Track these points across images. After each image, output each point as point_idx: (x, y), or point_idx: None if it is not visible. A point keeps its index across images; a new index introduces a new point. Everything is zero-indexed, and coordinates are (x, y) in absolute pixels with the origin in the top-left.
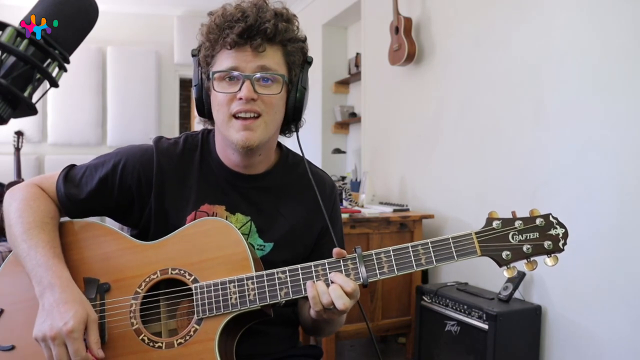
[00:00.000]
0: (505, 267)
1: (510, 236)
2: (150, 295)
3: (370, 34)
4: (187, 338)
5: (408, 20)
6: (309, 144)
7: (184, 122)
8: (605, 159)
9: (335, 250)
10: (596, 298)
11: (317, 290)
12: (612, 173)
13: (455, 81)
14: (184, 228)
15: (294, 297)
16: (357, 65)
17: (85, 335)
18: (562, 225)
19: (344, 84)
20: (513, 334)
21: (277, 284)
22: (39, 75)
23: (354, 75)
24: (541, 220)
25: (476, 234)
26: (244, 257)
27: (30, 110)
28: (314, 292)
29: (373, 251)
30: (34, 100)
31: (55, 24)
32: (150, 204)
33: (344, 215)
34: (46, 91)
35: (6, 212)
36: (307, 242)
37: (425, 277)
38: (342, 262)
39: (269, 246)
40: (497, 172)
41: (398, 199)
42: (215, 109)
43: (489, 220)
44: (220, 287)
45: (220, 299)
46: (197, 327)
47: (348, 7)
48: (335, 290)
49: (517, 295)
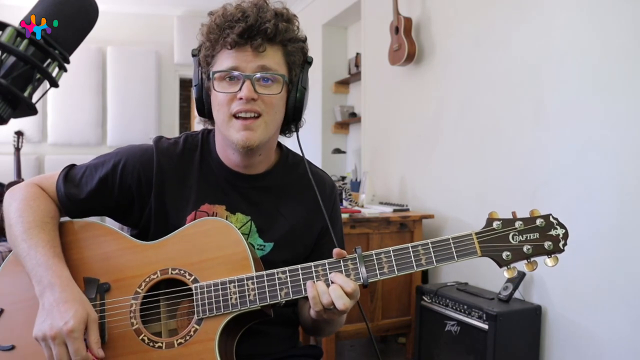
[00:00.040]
0: (505, 268)
1: (510, 237)
2: (150, 295)
3: (370, 34)
4: (187, 338)
5: (408, 20)
6: (309, 144)
7: (184, 122)
8: (605, 159)
9: (336, 251)
10: (596, 298)
11: (317, 291)
12: (612, 173)
13: (455, 81)
14: (184, 228)
15: (294, 297)
16: (357, 65)
17: (86, 334)
18: (563, 226)
19: (344, 84)
20: (513, 334)
21: (277, 284)
22: (39, 75)
23: (354, 75)
24: (541, 220)
25: (476, 234)
26: (244, 257)
27: (30, 110)
28: (314, 292)
29: (373, 251)
30: (34, 100)
31: (55, 24)
32: (150, 204)
33: (344, 215)
34: (46, 91)
35: (6, 212)
36: (307, 242)
37: (425, 277)
38: (343, 263)
39: (269, 246)
40: (497, 172)
41: (398, 199)
42: (216, 109)
43: (489, 221)
44: (220, 287)
45: (221, 299)
46: (197, 327)
47: (348, 7)
48: (336, 290)
49: (517, 295)
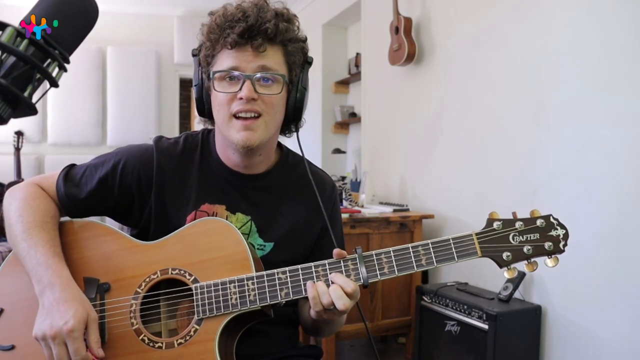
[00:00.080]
0: (505, 268)
1: (510, 237)
2: (150, 295)
3: (370, 34)
4: (187, 338)
5: (408, 20)
6: (309, 144)
7: (184, 122)
8: (605, 159)
9: (336, 251)
10: (596, 298)
11: (318, 291)
12: (612, 173)
13: (455, 81)
14: (184, 228)
15: (294, 298)
16: (357, 65)
17: (86, 334)
18: (563, 226)
19: (344, 84)
20: (513, 334)
21: (278, 284)
22: (39, 75)
23: (354, 75)
24: (542, 221)
25: (477, 234)
26: (244, 257)
27: (30, 110)
28: (314, 293)
29: (373, 252)
30: (34, 100)
31: (55, 24)
32: (150, 204)
33: (344, 215)
34: (46, 91)
35: (6, 212)
36: (307, 242)
37: (425, 277)
38: (343, 263)
39: (269, 246)
40: (497, 172)
41: (398, 199)
42: (216, 109)
43: (490, 221)
44: (220, 287)
45: (221, 299)
46: (197, 327)
47: (348, 7)
48: (336, 290)
49: (517, 295)
